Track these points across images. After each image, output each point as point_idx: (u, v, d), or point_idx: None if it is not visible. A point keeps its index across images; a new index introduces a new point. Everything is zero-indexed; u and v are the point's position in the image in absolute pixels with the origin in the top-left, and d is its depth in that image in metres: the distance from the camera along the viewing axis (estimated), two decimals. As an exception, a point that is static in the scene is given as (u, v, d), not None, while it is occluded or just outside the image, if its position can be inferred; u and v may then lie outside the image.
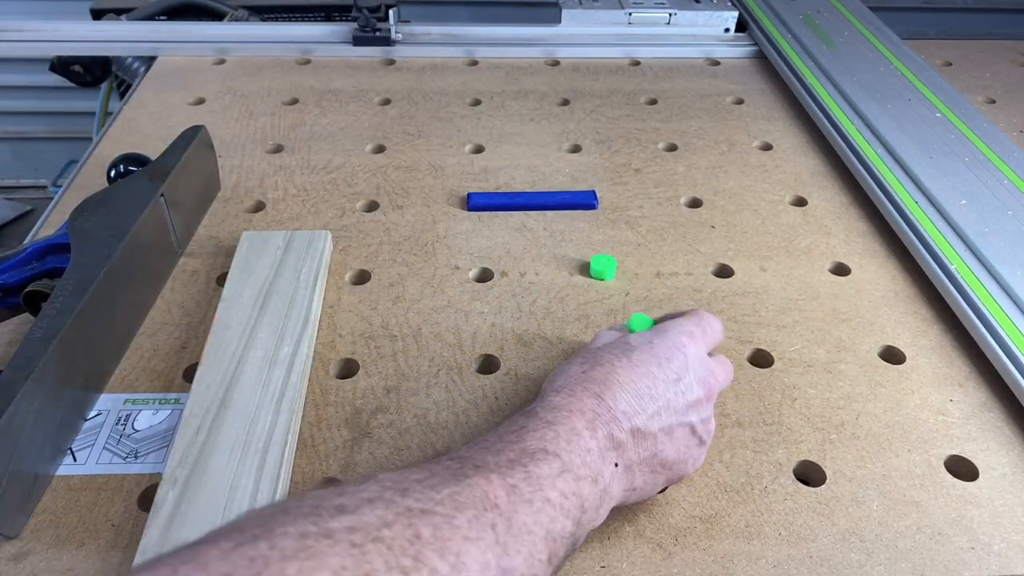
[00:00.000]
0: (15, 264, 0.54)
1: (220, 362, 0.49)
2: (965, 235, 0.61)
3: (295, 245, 0.59)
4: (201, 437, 0.45)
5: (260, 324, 0.52)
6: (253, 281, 0.56)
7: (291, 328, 0.52)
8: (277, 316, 0.53)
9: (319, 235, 0.60)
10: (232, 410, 0.46)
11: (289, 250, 0.58)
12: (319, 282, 0.56)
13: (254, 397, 0.47)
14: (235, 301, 0.54)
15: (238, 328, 0.52)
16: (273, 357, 0.50)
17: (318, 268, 0.57)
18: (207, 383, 0.48)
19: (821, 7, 1.01)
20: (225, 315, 0.53)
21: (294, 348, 0.51)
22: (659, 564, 0.42)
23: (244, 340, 0.51)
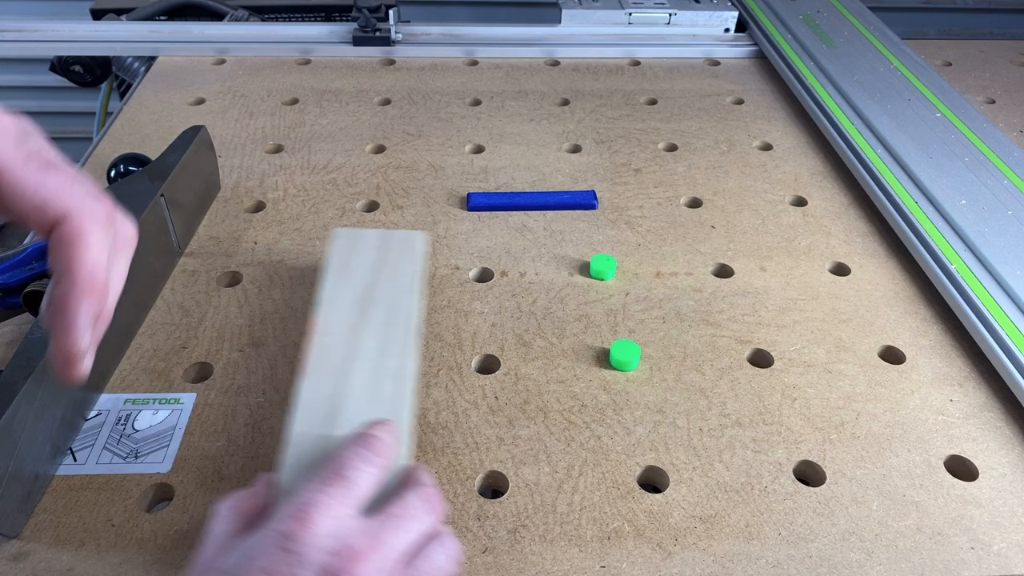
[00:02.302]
0: (15, 264, 0.54)
1: (327, 372, 0.45)
2: (965, 235, 0.61)
3: (392, 245, 0.54)
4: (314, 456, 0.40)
5: (363, 332, 0.47)
6: (351, 283, 0.51)
7: (396, 338, 0.47)
8: (380, 324, 0.48)
9: (415, 236, 0.55)
10: (343, 426, 0.42)
11: (386, 251, 0.53)
12: (420, 288, 0.52)
13: (364, 412, 0.43)
14: (333, 305, 0.49)
15: (340, 335, 0.47)
16: (381, 370, 0.45)
17: (418, 272, 0.52)
18: (313, 395, 0.43)
19: (821, 7, 1.01)
20: (326, 319, 0.48)
21: (400, 361, 0.46)
22: (659, 564, 0.42)
23: (348, 349, 0.46)
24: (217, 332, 0.55)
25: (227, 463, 0.46)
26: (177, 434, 0.48)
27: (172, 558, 0.41)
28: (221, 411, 0.50)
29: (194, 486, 0.45)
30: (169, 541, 0.42)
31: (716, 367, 0.53)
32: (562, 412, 0.50)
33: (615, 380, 0.52)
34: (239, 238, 0.64)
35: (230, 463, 0.46)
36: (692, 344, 0.55)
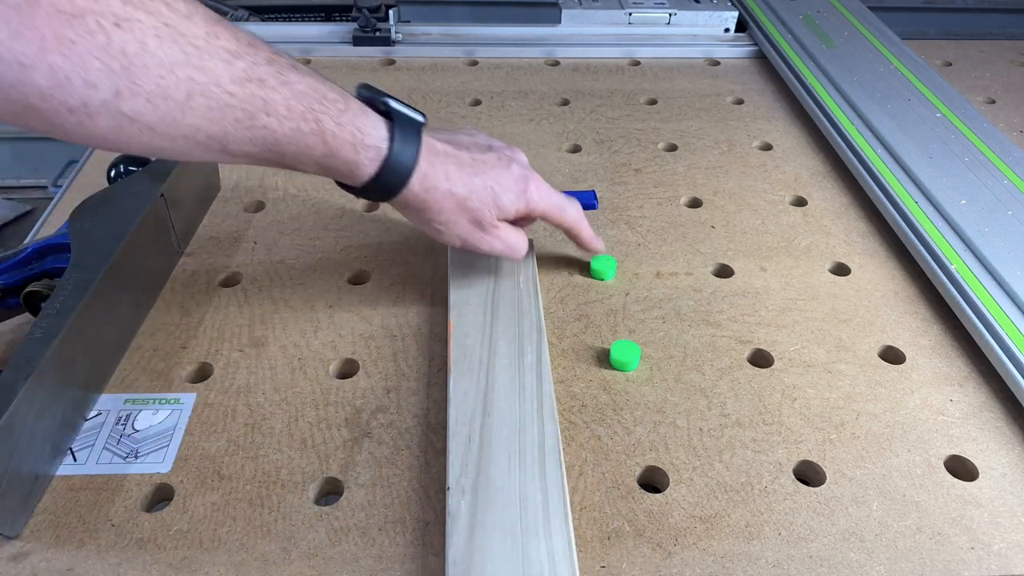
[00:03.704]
0: (15, 264, 0.54)
1: (470, 369, 0.49)
2: (965, 235, 0.61)
3: None
4: (475, 445, 0.44)
5: (496, 331, 0.53)
6: (476, 288, 0.56)
7: (527, 335, 0.52)
8: (510, 323, 0.53)
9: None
10: (496, 418, 0.46)
11: (501, 258, 0.59)
12: (538, 288, 0.57)
13: (513, 405, 0.47)
14: (465, 308, 0.55)
15: (476, 335, 0.52)
16: (519, 364, 0.50)
17: (534, 276, 0.58)
18: (464, 390, 0.48)
19: (821, 7, 1.01)
20: (460, 321, 0.53)
21: (537, 356, 0.51)
22: (659, 564, 0.42)
23: (486, 347, 0.51)
24: (217, 332, 0.55)
25: (227, 463, 0.46)
26: (177, 434, 0.48)
27: (172, 558, 0.41)
28: (221, 411, 0.50)
29: (194, 486, 0.45)
30: (169, 541, 0.42)
31: (716, 367, 0.53)
32: (562, 412, 0.50)
33: (615, 380, 0.52)
34: (239, 238, 0.64)
35: (230, 463, 0.46)
36: (692, 344, 0.55)
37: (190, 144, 0.40)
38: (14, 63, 0.33)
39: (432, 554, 0.42)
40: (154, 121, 0.37)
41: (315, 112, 0.42)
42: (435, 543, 0.42)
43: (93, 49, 0.34)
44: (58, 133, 0.37)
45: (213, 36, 0.38)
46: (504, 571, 0.38)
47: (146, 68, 0.36)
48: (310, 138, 0.43)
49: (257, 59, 0.40)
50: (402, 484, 0.45)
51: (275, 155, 0.43)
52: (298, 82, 0.42)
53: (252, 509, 0.44)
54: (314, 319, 0.56)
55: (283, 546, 0.42)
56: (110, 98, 0.35)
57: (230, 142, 0.41)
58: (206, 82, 0.38)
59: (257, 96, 0.40)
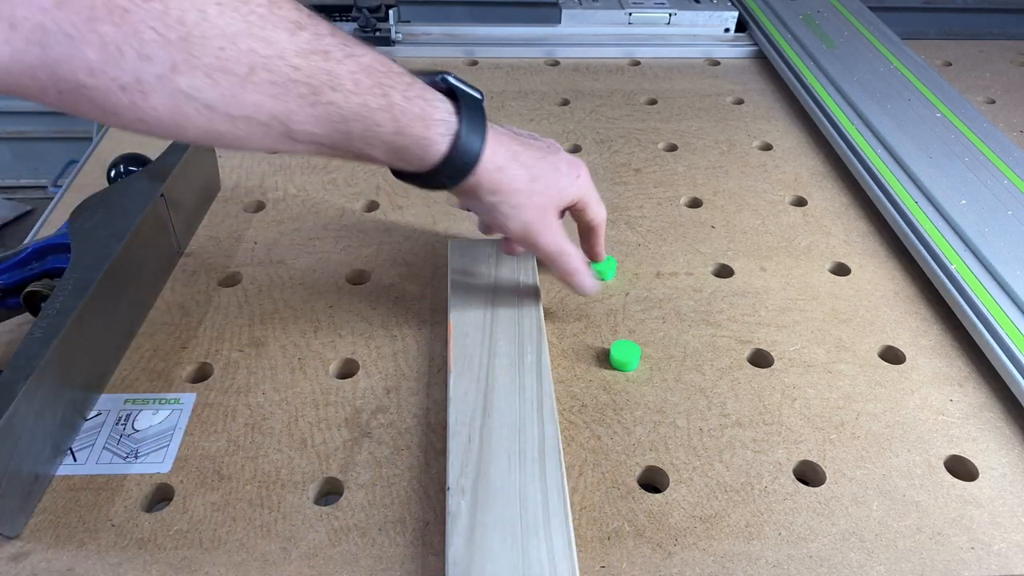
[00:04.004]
0: (15, 264, 0.54)
1: (470, 369, 0.49)
2: (965, 235, 0.61)
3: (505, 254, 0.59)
4: (475, 446, 0.45)
5: (496, 331, 0.53)
6: (476, 288, 0.56)
7: (527, 335, 0.52)
8: (510, 323, 0.53)
9: None
10: (496, 418, 0.46)
11: (501, 258, 0.59)
12: (538, 290, 0.57)
13: (513, 405, 0.47)
14: (465, 308, 0.54)
15: (476, 335, 0.52)
16: (519, 364, 0.50)
17: (534, 276, 0.58)
18: (464, 390, 0.48)
19: (821, 7, 1.01)
20: (460, 322, 0.53)
21: (537, 356, 0.51)
22: (659, 564, 0.42)
23: (486, 347, 0.51)
24: (217, 332, 0.55)
25: (227, 463, 0.46)
26: (177, 434, 0.48)
27: (172, 558, 0.41)
28: (221, 411, 0.50)
29: (194, 486, 0.45)
30: (169, 541, 0.42)
31: (716, 367, 0.53)
32: (562, 412, 0.50)
33: (615, 380, 0.52)
34: (239, 238, 0.64)
35: (230, 463, 0.46)
36: (692, 344, 0.55)
37: (251, 126, 0.37)
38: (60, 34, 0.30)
39: (432, 554, 0.42)
40: (213, 98, 0.34)
41: (383, 86, 0.40)
42: (435, 543, 0.42)
43: (148, 18, 0.32)
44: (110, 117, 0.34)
45: (275, 5, 0.36)
46: (504, 571, 0.38)
47: (205, 39, 0.33)
48: (379, 114, 0.40)
49: (320, 30, 0.38)
50: (402, 484, 0.45)
51: (342, 135, 0.40)
52: (364, 54, 0.39)
53: (252, 509, 0.44)
54: (314, 319, 0.56)
55: (283, 546, 0.42)
56: (166, 72, 0.33)
57: (294, 121, 0.37)
58: (270, 54, 0.35)
59: (322, 69, 0.37)
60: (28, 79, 0.31)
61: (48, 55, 0.31)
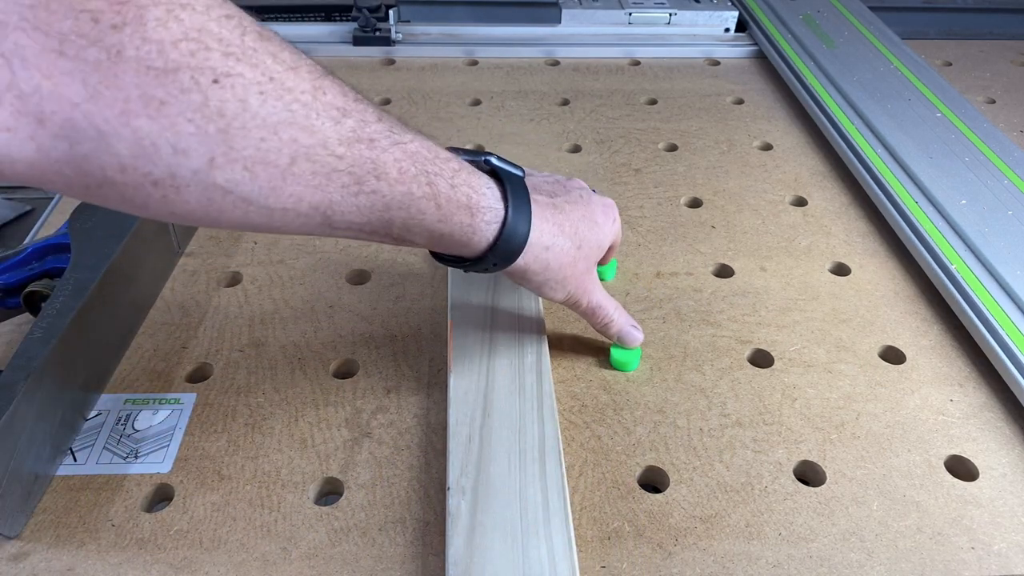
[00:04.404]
0: (15, 264, 0.54)
1: (470, 369, 0.49)
2: (965, 235, 0.61)
3: None
4: (475, 446, 0.45)
5: (496, 331, 0.52)
6: (476, 288, 0.56)
7: (527, 335, 0.52)
8: (510, 323, 0.53)
9: None
10: (496, 418, 0.46)
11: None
12: None
13: (513, 405, 0.47)
14: (465, 308, 0.54)
15: (476, 335, 0.52)
16: (519, 364, 0.50)
17: None
18: (464, 390, 0.48)
19: (821, 7, 1.01)
20: (460, 321, 0.53)
21: (537, 356, 0.51)
22: (659, 564, 0.42)
23: (486, 347, 0.51)
24: (217, 332, 0.55)
25: (227, 463, 0.46)
26: (177, 434, 0.48)
27: (172, 558, 0.41)
28: (221, 411, 0.50)
29: (194, 486, 0.45)
30: (169, 541, 0.42)
31: (716, 367, 0.53)
32: (562, 412, 0.50)
33: (615, 380, 0.52)
34: (239, 238, 0.64)
35: (230, 463, 0.46)
36: (692, 344, 0.55)
37: (289, 217, 0.35)
38: (91, 129, 0.28)
39: (432, 554, 0.42)
40: (251, 192, 0.32)
41: (428, 175, 0.38)
42: (435, 543, 0.42)
43: (186, 110, 0.29)
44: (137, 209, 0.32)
45: (320, 91, 0.33)
46: (504, 571, 0.38)
47: (246, 130, 0.31)
48: (423, 202, 0.38)
49: (367, 116, 0.36)
50: (402, 484, 0.45)
51: (383, 224, 0.38)
52: (411, 141, 0.38)
53: (252, 509, 0.44)
54: (314, 319, 0.56)
55: (283, 546, 0.42)
56: (202, 167, 0.31)
57: (335, 212, 0.36)
58: (312, 144, 0.33)
59: (367, 158, 0.35)
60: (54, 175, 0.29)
61: (76, 151, 0.29)
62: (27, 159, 0.28)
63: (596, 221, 0.48)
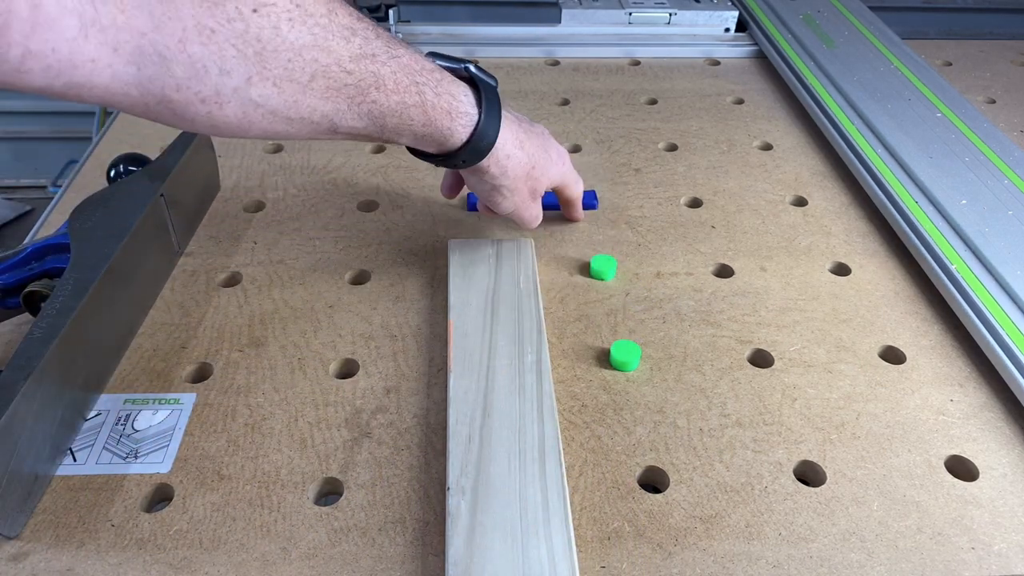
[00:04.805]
0: (15, 264, 0.54)
1: (470, 369, 0.50)
2: (965, 235, 0.61)
3: (504, 253, 0.60)
4: (475, 446, 0.45)
5: (496, 331, 0.53)
6: (476, 288, 0.56)
7: (528, 335, 0.52)
8: (510, 323, 0.53)
9: (525, 243, 0.61)
10: (496, 418, 0.46)
11: (501, 258, 0.59)
12: (538, 290, 0.57)
13: (513, 405, 0.47)
14: (465, 308, 0.55)
15: (476, 335, 0.52)
16: (519, 364, 0.50)
17: (534, 276, 0.58)
18: (464, 390, 0.48)
19: (821, 7, 1.01)
20: (460, 321, 0.53)
21: (537, 355, 0.51)
22: (659, 564, 0.42)
23: (486, 347, 0.51)
24: (217, 332, 0.55)
25: (227, 463, 0.46)
26: (177, 434, 0.48)
27: (172, 558, 0.41)
28: (221, 411, 0.50)
29: (194, 486, 0.45)
30: (169, 541, 0.42)
31: (716, 367, 0.53)
32: (562, 412, 0.50)
33: (615, 380, 0.52)
34: (239, 238, 0.64)
35: (230, 463, 0.46)
36: (692, 344, 0.55)
37: (303, 125, 0.40)
38: (155, 55, 0.33)
39: (432, 554, 0.42)
40: (278, 104, 0.38)
41: (418, 84, 0.43)
42: (435, 543, 0.42)
43: (231, 37, 0.34)
44: (184, 124, 0.37)
45: (333, 13, 0.39)
46: (504, 571, 0.38)
47: (277, 52, 0.36)
48: (413, 110, 0.43)
49: (368, 33, 0.41)
50: (402, 484, 0.45)
51: (378, 128, 0.43)
52: (404, 55, 0.43)
53: (252, 509, 0.44)
54: (314, 319, 0.56)
55: (283, 546, 0.42)
56: (242, 84, 0.36)
57: (341, 119, 0.41)
58: (328, 62, 0.38)
59: (370, 72, 0.40)
60: (122, 96, 0.34)
61: (142, 74, 0.33)
62: (104, 84, 0.33)
63: (550, 155, 0.55)
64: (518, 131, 0.52)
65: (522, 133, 0.53)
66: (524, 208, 0.55)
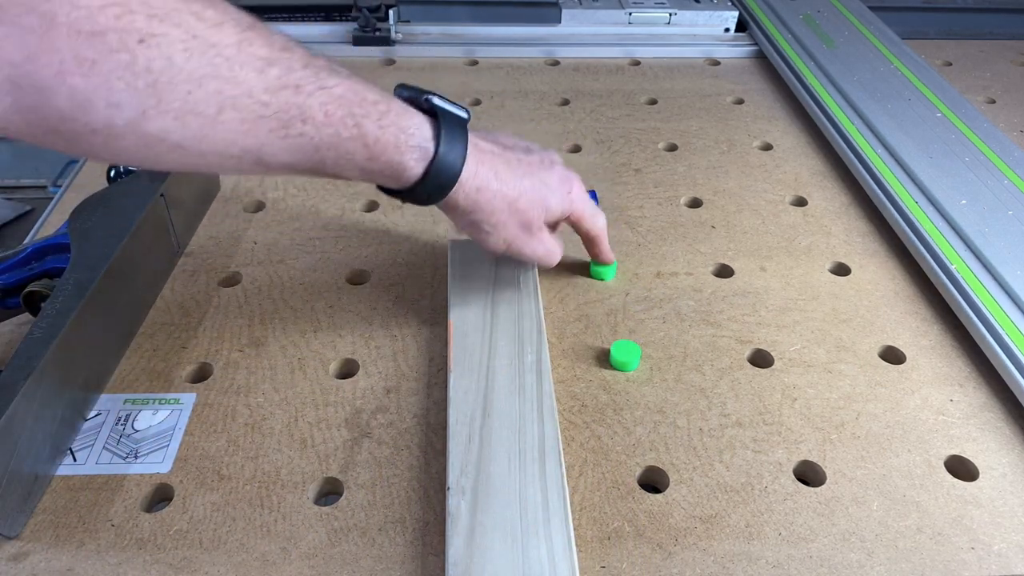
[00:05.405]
0: (15, 264, 0.54)
1: (470, 369, 0.49)
2: (965, 235, 0.61)
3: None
4: (475, 446, 0.45)
5: (496, 331, 0.53)
6: (476, 288, 0.56)
7: (528, 335, 0.52)
8: (510, 323, 0.53)
9: None
10: (496, 418, 0.46)
11: (502, 258, 0.58)
12: (538, 290, 0.57)
13: (513, 405, 0.47)
14: (465, 308, 0.54)
15: (476, 335, 0.52)
16: (519, 364, 0.50)
17: (534, 276, 0.58)
18: (464, 390, 0.48)
19: (821, 7, 1.01)
20: (460, 321, 0.53)
21: (537, 355, 0.51)
22: (659, 564, 0.42)
23: (486, 347, 0.51)
24: (217, 332, 0.55)
25: (227, 463, 0.46)
26: (177, 434, 0.48)
27: (172, 558, 0.41)
28: (221, 411, 0.50)
29: (194, 486, 0.45)
30: (169, 541, 0.42)
31: (716, 367, 0.53)
32: (562, 412, 0.50)
33: (615, 380, 0.52)
34: (239, 238, 0.64)
35: (230, 463, 0.46)
36: (692, 344, 0.55)
37: (223, 159, 0.38)
38: (31, 87, 0.32)
39: (432, 554, 0.42)
40: (183, 138, 0.36)
41: (355, 116, 0.41)
42: (435, 543, 0.42)
43: (115, 68, 0.33)
44: (84, 152, 0.36)
45: (246, 43, 0.37)
46: (504, 571, 0.38)
47: (173, 84, 0.34)
48: (351, 143, 0.41)
49: (292, 64, 0.39)
50: (402, 484, 0.45)
51: (315, 163, 0.41)
52: (336, 85, 0.40)
53: (252, 509, 0.44)
54: (314, 319, 0.56)
55: (283, 546, 0.42)
56: (135, 117, 0.34)
57: (266, 153, 0.39)
58: (237, 94, 0.36)
59: (292, 103, 0.38)
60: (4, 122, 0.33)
61: (21, 104, 0.32)
62: None
63: (546, 183, 0.50)
64: (495, 161, 0.48)
65: (501, 163, 0.48)
66: (520, 244, 0.51)
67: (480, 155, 0.47)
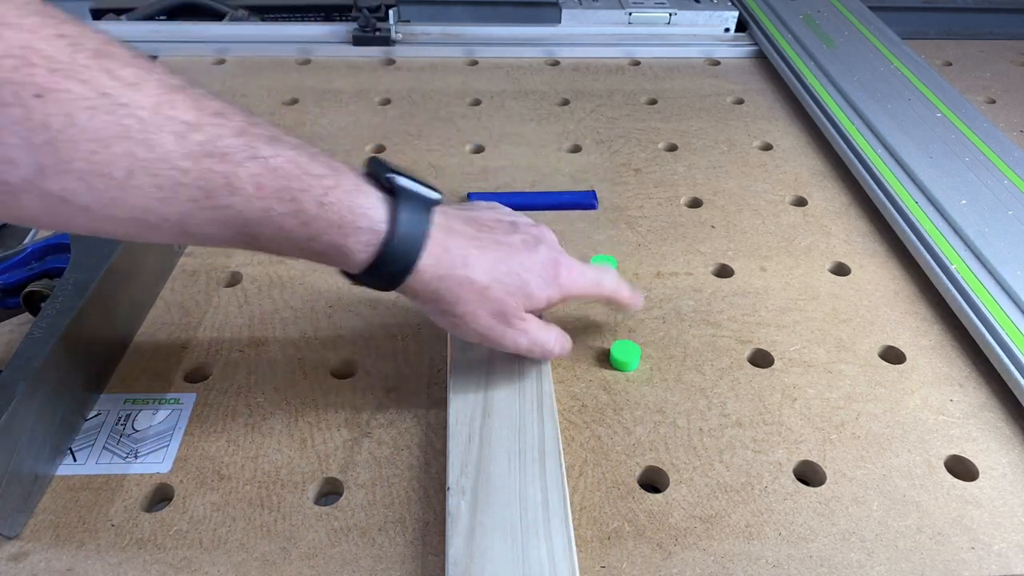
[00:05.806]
0: (15, 264, 0.54)
1: (470, 369, 0.49)
2: (965, 235, 0.61)
3: None
4: (475, 446, 0.44)
5: None
6: None
7: None
8: None
9: None
10: (496, 418, 0.46)
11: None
12: None
13: (513, 405, 0.47)
14: None
15: None
16: (519, 364, 0.50)
17: None
18: (464, 390, 0.48)
19: (821, 7, 1.01)
20: None
21: None
22: (659, 564, 0.42)
23: (487, 347, 0.50)
24: (217, 332, 0.55)
25: (227, 463, 0.46)
26: (177, 434, 0.48)
27: (172, 558, 0.41)
28: (221, 411, 0.50)
29: (194, 486, 0.45)
30: (169, 541, 0.42)
31: (716, 367, 0.53)
32: (562, 412, 0.50)
33: (615, 380, 0.52)
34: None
35: (230, 463, 0.46)
36: (692, 344, 0.55)
37: (140, 226, 0.36)
38: None
39: (432, 554, 0.42)
40: (90, 202, 0.33)
41: (292, 190, 0.37)
42: (435, 543, 0.42)
43: (8, 123, 0.31)
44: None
45: (166, 105, 0.34)
46: (504, 571, 0.38)
47: (74, 143, 0.32)
48: (285, 219, 0.37)
49: (223, 131, 0.36)
50: (402, 484, 0.45)
51: (248, 238, 0.38)
52: (274, 156, 0.37)
53: (252, 509, 0.44)
54: (314, 319, 0.56)
55: (283, 546, 0.42)
56: (33, 176, 0.32)
57: (188, 223, 0.36)
58: (151, 158, 0.34)
59: (216, 173, 0.35)
60: None
61: None
62: None
63: (527, 267, 0.45)
64: (466, 245, 0.43)
65: (473, 247, 0.43)
66: (496, 336, 0.45)
67: (448, 239, 0.42)
